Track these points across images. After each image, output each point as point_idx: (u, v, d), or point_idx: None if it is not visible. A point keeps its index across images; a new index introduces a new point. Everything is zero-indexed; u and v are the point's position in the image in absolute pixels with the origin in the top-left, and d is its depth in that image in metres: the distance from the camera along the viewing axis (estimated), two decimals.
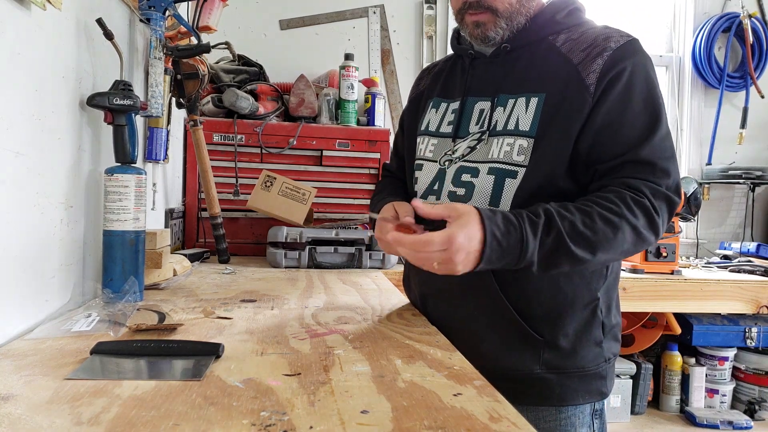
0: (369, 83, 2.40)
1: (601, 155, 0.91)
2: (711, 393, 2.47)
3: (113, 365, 0.72)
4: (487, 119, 1.01)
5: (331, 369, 0.72)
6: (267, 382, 0.67)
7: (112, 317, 0.93)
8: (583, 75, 0.92)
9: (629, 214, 0.85)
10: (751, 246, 2.55)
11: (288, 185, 1.92)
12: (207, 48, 1.53)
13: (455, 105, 1.08)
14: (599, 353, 0.98)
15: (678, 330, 2.36)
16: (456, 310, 1.02)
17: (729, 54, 2.84)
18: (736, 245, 2.65)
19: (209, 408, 0.58)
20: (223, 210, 1.93)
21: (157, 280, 1.28)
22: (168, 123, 1.70)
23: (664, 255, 2.15)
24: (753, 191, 2.81)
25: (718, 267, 2.39)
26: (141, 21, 1.38)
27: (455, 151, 1.04)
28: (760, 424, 2.37)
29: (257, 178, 1.93)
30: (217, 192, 1.88)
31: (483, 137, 1.00)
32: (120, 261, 1.06)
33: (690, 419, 2.38)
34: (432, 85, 1.17)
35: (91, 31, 1.10)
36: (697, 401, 2.45)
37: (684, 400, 2.48)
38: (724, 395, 2.46)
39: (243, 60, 2.33)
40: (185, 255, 1.62)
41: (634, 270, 2.15)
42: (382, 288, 1.43)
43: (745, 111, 2.84)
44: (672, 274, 2.15)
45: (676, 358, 2.48)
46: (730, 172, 2.77)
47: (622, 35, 0.95)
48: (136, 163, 1.12)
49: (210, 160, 1.86)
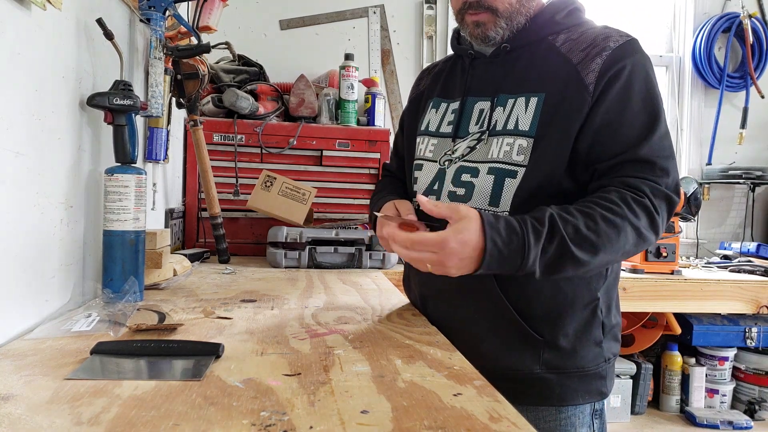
0: (369, 83, 2.40)
1: (601, 154, 0.91)
2: (711, 393, 2.47)
3: (113, 365, 0.72)
4: (487, 119, 1.01)
5: (331, 369, 0.72)
6: (267, 382, 0.67)
7: (112, 317, 0.93)
8: (583, 74, 0.92)
9: (631, 214, 0.85)
10: (751, 246, 2.55)
11: (288, 185, 1.92)
12: (207, 48, 1.53)
13: (455, 105, 1.08)
14: (599, 353, 0.98)
15: (678, 330, 2.36)
16: (456, 310, 1.02)
17: (729, 54, 2.84)
18: (736, 245, 2.65)
19: (209, 408, 0.58)
20: (223, 210, 1.93)
21: (157, 280, 1.28)
22: (168, 123, 1.70)
23: (664, 255, 2.15)
24: (753, 191, 2.81)
25: (718, 267, 2.39)
26: (141, 21, 1.38)
27: (455, 151, 1.04)
28: (760, 424, 2.37)
29: (257, 178, 1.93)
30: (217, 192, 1.88)
31: (483, 137, 1.00)
32: (120, 261, 1.06)
33: (690, 419, 2.38)
34: (432, 86, 1.17)
35: (91, 31, 1.10)
36: (697, 401, 2.45)
37: (684, 400, 2.48)
38: (724, 395, 2.46)
39: (243, 60, 2.33)
40: (185, 255, 1.62)
41: (634, 270, 2.15)
42: (382, 288, 1.43)
43: (745, 111, 2.84)
44: (672, 274, 2.15)
45: (676, 358, 2.48)
46: (730, 172, 2.77)
47: (621, 35, 0.95)
48: (136, 163, 1.12)
49: (210, 160, 1.86)
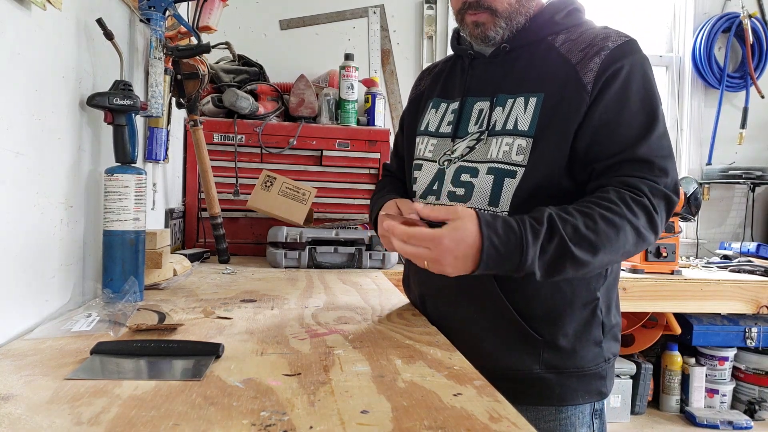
0: (369, 83, 2.40)
1: (599, 154, 0.91)
2: (711, 393, 2.46)
3: (113, 365, 0.72)
4: (486, 119, 1.01)
5: (331, 369, 0.72)
6: (267, 382, 0.67)
7: (112, 317, 0.93)
8: (581, 74, 0.92)
9: (630, 214, 0.85)
10: (751, 246, 2.55)
11: (288, 185, 1.92)
12: (207, 48, 1.53)
13: (455, 105, 1.08)
14: (599, 353, 0.98)
15: (678, 330, 2.36)
16: (455, 310, 1.02)
17: (729, 54, 2.84)
18: (736, 245, 2.65)
19: (209, 408, 0.58)
20: (223, 210, 1.93)
21: (157, 280, 1.28)
22: (168, 123, 1.70)
23: (664, 255, 2.15)
24: (753, 191, 2.81)
25: (718, 267, 2.39)
26: (141, 21, 1.38)
27: (454, 151, 1.04)
28: (760, 424, 2.37)
29: (257, 178, 1.93)
30: (217, 192, 1.88)
31: (482, 137, 1.00)
32: (120, 261, 1.06)
33: (690, 419, 2.38)
34: (432, 86, 1.17)
35: (91, 31, 1.10)
36: (697, 401, 2.45)
37: (684, 400, 2.48)
38: (724, 395, 2.46)
39: (243, 60, 2.33)
40: (185, 255, 1.62)
41: (634, 270, 2.15)
42: (382, 288, 1.43)
43: (745, 111, 2.84)
44: (672, 274, 2.15)
45: (676, 358, 2.48)
46: (730, 172, 2.77)
47: (620, 35, 0.95)
48: (136, 163, 1.12)
49: (210, 160, 1.86)
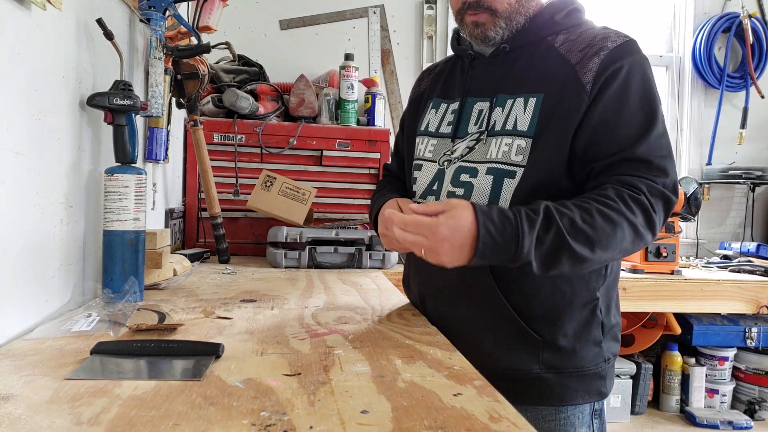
0: (369, 83, 2.40)
1: (597, 153, 0.91)
2: (711, 393, 2.46)
3: (113, 365, 0.72)
4: (486, 119, 1.01)
5: (331, 369, 0.72)
6: (267, 382, 0.67)
7: (112, 317, 0.94)
8: (580, 74, 0.92)
9: (627, 210, 0.85)
10: (751, 246, 2.55)
11: (288, 185, 1.92)
12: (207, 48, 1.53)
13: (455, 105, 1.08)
14: (599, 353, 0.98)
15: (678, 330, 2.36)
16: (455, 310, 1.02)
17: (729, 54, 2.84)
18: (736, 245, 2.65)
19: (209, 408, 0.58)
20: (223, 210, 1.93)
21: (157, 280, 1.28)
22: (168, 123, 1.70)
23: (664, 255, 2.15)
24: (753, 191, 2.81)
25: (718, 267, 2.38)
26: (141, 21, 1.38)
27: (454, 152, 1.04)
28: (760, 424, 2.37)
29: (257, 178, 1.93)
30: (217, 192, 1.88)
31: (482, 137, 1.00)
32: (120, 261, 1.06)
33: (690, 419, 2.38)
34: (432, 86, 1.17)
35: (91, 31, 1.10)
36: (697, 401, 2.45)
37: (684, 400, 2.48)
38: (724, 395, 2.46)
39: (243, 60, 2.33)
40: (185, 255, 1.62)
41: (634, 270, 2.15)
42: (382, 288, 1.43)
43: (745, 111, 2.84)
44: (672, 274, 2.15)
45: (676, 358, 2.48)
46: (730, 172, 2.77)
47: (619, 35, 0.95)
48: (136, 163, 1.12)
49: (210, 160, 1.86)
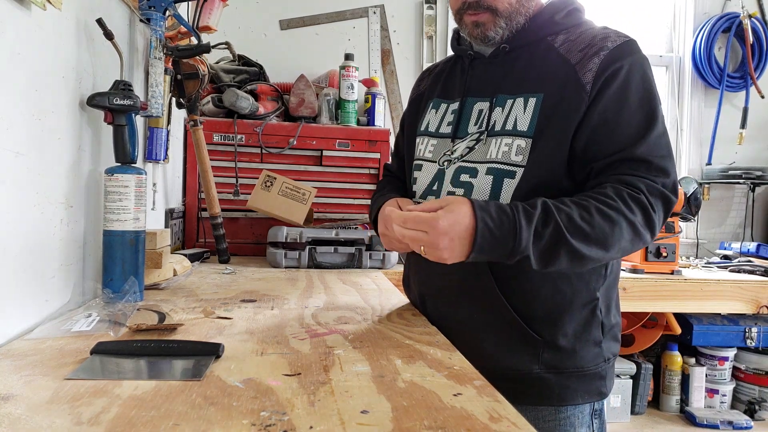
0: (369, 83, 2.40)
1: (597, 153, 0.91)
2: (711, 393, 2.47)
3: (113, 365, 0.72)
4: (486, 119, 1.01)
5: (331, 369, 0.72)
6: (267, 382, 0.67)
7: (112, 317, 0.94)
8: (580, 74, 0.92)
9: (626, 209, 0.85)
10: (751, 246, 2.55)
11: (288, 185, 1.92)
12: (207, 48, 1.53)
13: (455, 105, 1.08)
14: (598, 353, 0.98)
15: (678, 330, 2.36)
16: (455, 310, 1.02)
17: (729, 54, 2.84)
18: (736, 245, 2.65)
19: (209, 408, 0.58)
20: (223, 210, 1.93)
21: (157, 280, 1.28)
22: (168, 123, 1.70)
23: (664, 255, 2.15)
24: (753, 191, 2.81)
25: (718, 267, 2.39)
26: (141, 21, 1.38)
27: (454, 152, 1.04)
28: (760, 424, 2.37)
29: (257, 178, 1.93)
30: (217, 192, 1.88)
31: (481, 137, 1.00)
32: (120, 261, 1.06)
33: (690, 419, 2.38)
34: (432, 86, 1.17)
35: (91, 31, 1.10)
36: (697, 401, 2.45)
37: (684, 400, 2.48)
38: (724, 395, 2.46)
39: (243, 60, 2.33)
40: (185, 255, 1.62)
41: (634, 270, 2.15)
42: (382, 288, 1.43)
43: (745, 111, 2.84)
44: (672, 274, 2.15)
45: (676, 358, 2.48)
46: (730, 172, 2.77)
47: (619, 35, 0.95)
48: (136, 163, 1.12)
49: (210, 160, 1.86)
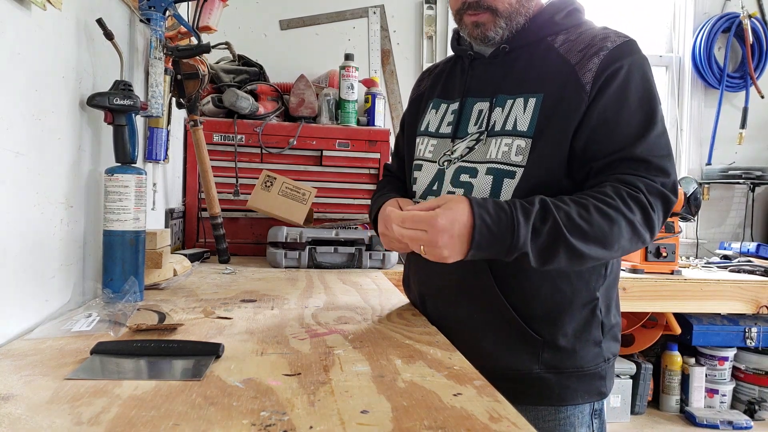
0: (369, 83, 2.40)
1: (596, 153, 0.91)
2: (711, 393, 2.47)
3: (113, 365, 0.72)
4: (486, 120, 1.01)
5: (331, 369, 0.72)
6: (267, 382, 0.67)
7: (112, 317, 0.94)
8: (580, 74, 0.92)
9: (625, 208, 0.85)
10: (751, 246, 2.55)
11: (288, 185, 1.92)
12: (207, 48, 1.53)
13: (455, 106, 1.08)
14: (598, 353, 0.98)
15: (678, 330, 2.36)
16: (455, 310, 1.02)
17: (729, 54, 2.84)
18: (736, 245, 2.65)
19: (209, 408, 0.58)
20: (223, 210, 1.93)
21: (157, 280, 1.28)
22: (168, 123, 1.70)
23: (664, 255, 2.15)
24: (753, 191, 2.81)
25: (718, 267, 2.39)
26: (141, 21, 1.38)
27: (454, 152, 1.04)
28: (760, 424, 2.37)
29: (257, 178, 1.93)
30: (217, 192, 1.88)
31: (481, 138, 1.00)
32: (120, 261, 1.06)
33: (690, 419, 2.38)
34: (432, 86, 1.17)
35: (91, 31, 1.10)
36: (697, 401, 2.45)
37: (684, 400, 2.48)
38: (724, 395, 2.47)
39: (243, 60, 2.33)
40: (185, 255, 1.62)
41: (634, 270, 2.15)
42: (382, 288, 1.43)
43: (745, 111, 2.84)
44: (672, 274, 2.15)
45: (676, 358, 2.48)
46: (730, 172, 2.77)
47: (619, 36, 0.95)
48: (136, 163, 1.12)
49: (210, 160, 1.86)
